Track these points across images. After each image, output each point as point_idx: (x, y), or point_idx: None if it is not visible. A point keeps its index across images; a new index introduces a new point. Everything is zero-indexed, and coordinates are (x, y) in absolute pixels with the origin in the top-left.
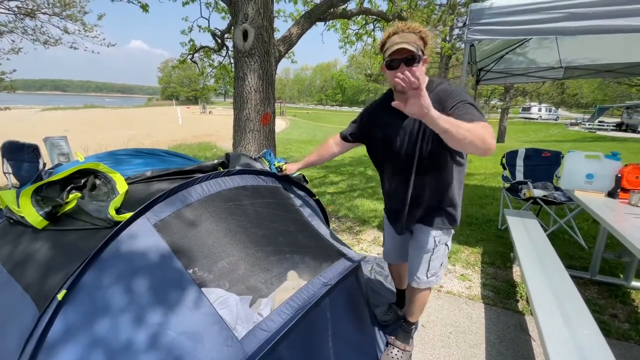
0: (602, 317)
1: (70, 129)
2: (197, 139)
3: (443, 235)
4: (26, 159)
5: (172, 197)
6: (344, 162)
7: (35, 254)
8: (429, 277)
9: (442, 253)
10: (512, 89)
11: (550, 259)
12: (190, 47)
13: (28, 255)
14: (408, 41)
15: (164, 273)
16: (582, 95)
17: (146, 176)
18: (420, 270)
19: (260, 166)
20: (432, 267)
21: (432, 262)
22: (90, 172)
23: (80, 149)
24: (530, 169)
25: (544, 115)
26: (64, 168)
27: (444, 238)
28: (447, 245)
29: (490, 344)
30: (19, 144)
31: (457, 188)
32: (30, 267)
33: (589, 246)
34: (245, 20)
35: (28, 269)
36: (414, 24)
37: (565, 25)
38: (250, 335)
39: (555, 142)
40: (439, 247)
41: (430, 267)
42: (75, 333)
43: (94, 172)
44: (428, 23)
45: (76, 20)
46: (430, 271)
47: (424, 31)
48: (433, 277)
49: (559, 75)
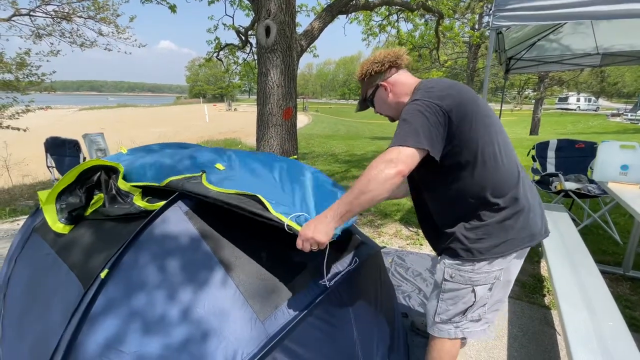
0: (633, 313)
1: (105, 127)
2: (223, 135)
3: (460, 270)
4: (67, 153)
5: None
6: (367, 157)
7: (80, 238)
8: (437, 321)
9: (458, 296)
10: (547, 78)
11: (580, 253)
12: (215, 45)
13: (73, 240)
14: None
15: (194, 255)
16: (624, 84)
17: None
18: (429, 307)
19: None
20: (441, 309)
21: (442, 302)
22: (96, 168)
23: (115, 145)
24: (562, 161)
25: (582, 105)
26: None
27: (461, 276)
28: (475, 292)
29: (512, 336)
30: (61, 139)
31: (470, 208)
32: (74, 250)
33: (624, 241)
34: (267, 16)
35: (73, 252)
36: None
37: (600, 9)
38: (272, 317)
39: (595, 134)
40: (451, 284)
41: (438, 308)
42: (114, 308)
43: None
44: (455, 12)
45: (109, 23)
46: (439, 315)
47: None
48: (445, 324)
49: (596, 62)
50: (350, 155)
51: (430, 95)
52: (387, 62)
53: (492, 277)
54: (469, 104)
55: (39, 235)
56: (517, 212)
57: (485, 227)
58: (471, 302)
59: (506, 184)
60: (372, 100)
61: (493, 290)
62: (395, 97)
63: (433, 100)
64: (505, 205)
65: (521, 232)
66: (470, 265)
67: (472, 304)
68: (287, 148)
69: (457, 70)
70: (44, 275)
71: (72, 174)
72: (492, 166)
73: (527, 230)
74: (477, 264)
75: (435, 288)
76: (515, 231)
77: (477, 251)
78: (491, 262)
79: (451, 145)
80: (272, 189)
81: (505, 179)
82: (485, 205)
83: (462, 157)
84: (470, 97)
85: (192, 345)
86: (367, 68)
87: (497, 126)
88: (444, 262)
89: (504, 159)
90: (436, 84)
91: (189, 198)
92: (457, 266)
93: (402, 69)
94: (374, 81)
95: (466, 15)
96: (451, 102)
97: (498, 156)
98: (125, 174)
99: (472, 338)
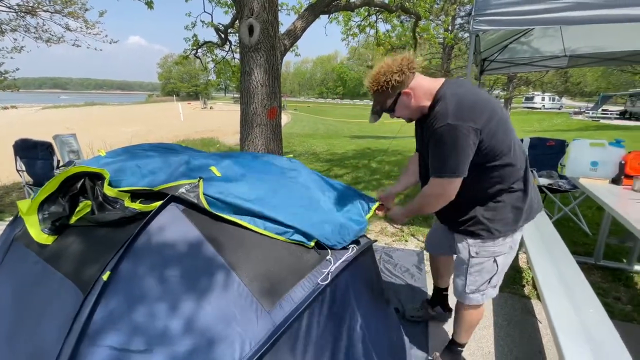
0: (606, 300)
1: (72, 127)
2: (199, 135)
3: (483, 247)
4: (39, 156)
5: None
6: (348, 156)
7: (71, 246)
8: (467, 292)
9: (483, 268)
10: (515, 78)
11: (557, 245)
12: (193, 43)
13: (63, 248)
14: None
15: (196, 256)
16: (586, 83)
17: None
18: (457, 283)
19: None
20: (470, 281)
21: (470, 275)
22: (80, 175)
23: (85, 147)
24: (535, 158)
25: (547, 104)
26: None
27: (486, 250)
28: (497, 262)
29: (498, 326)
30: (32, 142)
31: (488, 194)
32: (67, 258)
33: (593, 233)
34: (250, 15)
35: (65, 259)
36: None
37: (571, 14)
38: (278, 306)
39: (559, 132)
40: (478, 259)
41: (467, 281)
42: (116, 320)
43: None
44: (430, 13)
45: (78, 18)
46: (469, 286)
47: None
48: (474, 294)
49: (563, 64)
50: (332, 154)
51: (463, 116)
52: (407, 69)
53: (508, 247)
54: (494, 117)
55: (21, 243)
56: (526, 192)
57: (502, 208)
58: (494, 271)
59: (519, 171)
60: (394, 108)
61: (507, 257)
62: (417, 101)
63: (467, 123)
64: (519, 188)
65: (528, 209)
66: (492, 241)
67: (495, 272)
68: (272, 148)
69: (432, 70)
70: (34, 286)
71: (54, 183)
72: (511, 159)
73: (532, 206)
74: (497, 240)
75: (461, 265)
76: (525, 208)
77: (496, 230)
78: (506, 236)
79: (479, 150)
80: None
81: (518, 167)
82: (503, 190)
83: (488, 158)
84: (493, 107)
85: (200, 352)
86: (387, 79)
87: (510, 124)
88: (467, 242)
89: (517, 151)
90: (464, 98)
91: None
92: (480, 244)
93: (417, 72)
94: (396, 90)
95: (440, 17)
96: (483, 121)
97: (514, 150)
98: (112, 180)
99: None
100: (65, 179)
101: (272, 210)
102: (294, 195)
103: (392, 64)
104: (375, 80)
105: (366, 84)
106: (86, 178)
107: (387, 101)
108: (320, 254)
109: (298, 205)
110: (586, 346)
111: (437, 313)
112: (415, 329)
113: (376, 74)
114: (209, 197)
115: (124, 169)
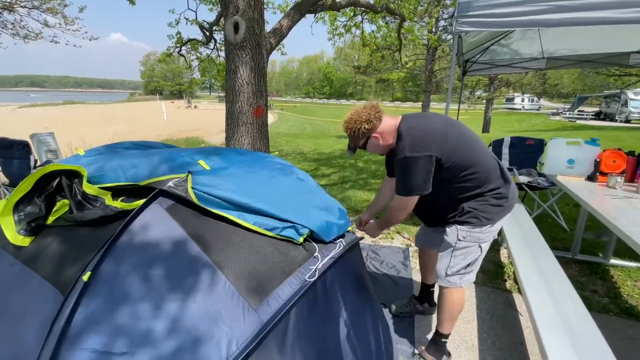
0: (583, 293)
1: (50, 126)
2: (183, 134)
3: (470, 232)
4: (16, 155)
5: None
6: (335, 155)
7: (49, 247)
8: (448, 274)
9: (468, 252)
10: (497, 80)
11: (537, 241)
12: (177, 40)
13: (41, 249)
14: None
15: (181, 255)
16: (563, 85)
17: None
18: (440, 265)
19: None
20: (452, 263)
21: (454, 258)
22: (55, 174)
23: (64, 146)
24: (515, 157)
25: (526, 105)
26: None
27: (472, 236)
28: (481, 247)
29: (481, 319)
30: (8, 140)
31: (469, 196)
32: (45, 259)
33: (570, 228)
34: (236, 12)
35: (44, 261)
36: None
37: (549, 17)
38: (265, 304)
39: (538, 132)
40: (464, 243)
41: (450, 262)
42: (97, 322)
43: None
44: (415, 15)
45: (56, 14)
46: (450, 268)
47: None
48: (453, 276)
49: (541, 66)
50: (319, 153)
51: (416, 148)
52: (374, 119)
53: (492, 235)
54: (447, 141)
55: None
56: (506, 187)
57: (487, 202)
58: (477, 256)
59: (493, 172)
60: (365, 146)
61: (488, 245)
62: (385, 141)
63: (422, 152)
64: (498, 185)
65: (509, 201)
66: (479, 228)
67: (477, 257)
68: (258, 147)
69: (416, 71)
70: (10, 289)
71: (29, 182)
72: (481, 167)
73: (512, 199)
74: (484, 227)
75: (447, 248)
76: (506, 201)
77: (484, 217)
78: (492, 224)
79: (443, 168)
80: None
81: (491, 169)
82: (485, 190)
83: (456, 171)
84: (444, 133)
85: (185, 352)
86: (357, 126)
87: (474, 139)
88: (456, 227)
89: (487, 159)
90: (415, 133)
91: (170, 195)
92: (468, 229)
93: (382, 116)
94: (366, 135)
95: (424, 19)
96: (434, 147)
97: (483, 159)
98: (92, 177)
99: (462, 285)
100: (40, 177)
101: (264, 203)
102: (285, 190)
103: (362, 114)
104: (347, 127)
105: (343, 127)
106: (62, 176)
107: (359, 142)
108: (308, 251)
109: (290, 199)
110: (565, 337)
111: (424, 308)
112: (403, 324)
113: (348, 121)
114: (198, 192)
115: (105, 167)
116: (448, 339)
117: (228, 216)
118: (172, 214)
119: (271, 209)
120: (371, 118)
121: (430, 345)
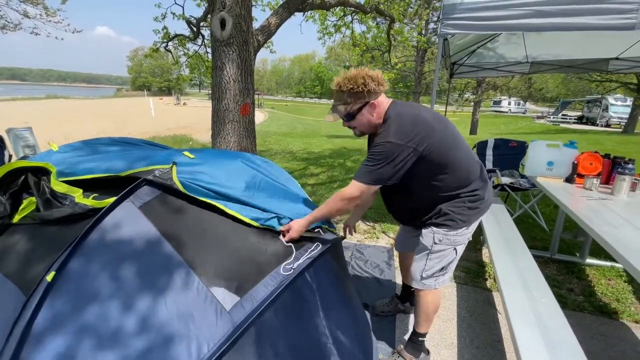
0: (560, 291)
1: (31, 121)
2: (171, 132)
3: (446, 235)
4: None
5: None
6: (324, 155)
7: (14, 246)
8: (423, 277)
9: (444, 255)
10: (484, 83)
11: (516, 241)
12: (163, 35)
13: (5, 248)
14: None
15: (153, 254)
16: (548, 89)
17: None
18: (415, 267)
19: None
20: (428, 266)
21: (430, 261)
22: (20, 171)
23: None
24: (498, 158)
25: (513, 108)
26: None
27: (448, 239)
28: (457, 250)
29: (461, 318)
30: None
31: (447, 196)
32: (9, 258)
33: (550, 229)
34: (222, 8)
35: (7, 260)
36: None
37: (531, 21)
38: (238, 305)
39: (523, 134)
40: (440, 246)
41: (426, 266)
42: (63, 322)
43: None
44: (404, 16)
45: (37, 4)
46: (425, 271)
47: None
48: (428, 279)
49: (525, 70)
50: (308, 153)
51: (402, 136)
52: (381, 84)
53: (467, 237)
54: (432, 136)
55: None
56: (483, 189)
57: (463, 203)
58: (452, 258)
59: (473, 174)
60: (356, 115)
61: (463, 248)
62: (377, 117)
63: (405, 142)
64: (476, 187)
65: (485, 202)
66: (455, 230)
67: (452, 259)
68: (245, 145)
69: (406, 72)
70: None
71: None
72: (462, 167)
73: (488, 201)
74: (460, 230)
75: (423, 250)
76: (482, 202)
77: (460, 220)
78: (468, 226)
79: (424, 164)
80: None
81: (471, 170)
82: (462, 191)
83: (437, 169)
84: (432, 127)
85: (154, 353)
86: (365, 82)
87: (457, 138)
88: (432, 229)
89: (469, 159)
90: (404, 120)
91: (143, 192)
92: (444, 232)
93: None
94: (365, 98)
95: (414, 21)
96: (419, 139)
97: (464, 159)
98: (66, 170)
99: (436, 287)
100: (5, 175)
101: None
102: (269, 185)
103: (373, 74)
104: (352, 79)
105: (339, 80)
106: (28, 173)
107: (355, 104)
108: (286, 249)
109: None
110: (538, 334)
111: (406, 307)
112: (384, 323)
113: (355, 74)
114: (183, 180)
115: (80, 161)
116: (426, 338)
117: (214, 203)
118: (145, 213)
119: (254, 200)
120: (380, 80)
121: (408, 344)
